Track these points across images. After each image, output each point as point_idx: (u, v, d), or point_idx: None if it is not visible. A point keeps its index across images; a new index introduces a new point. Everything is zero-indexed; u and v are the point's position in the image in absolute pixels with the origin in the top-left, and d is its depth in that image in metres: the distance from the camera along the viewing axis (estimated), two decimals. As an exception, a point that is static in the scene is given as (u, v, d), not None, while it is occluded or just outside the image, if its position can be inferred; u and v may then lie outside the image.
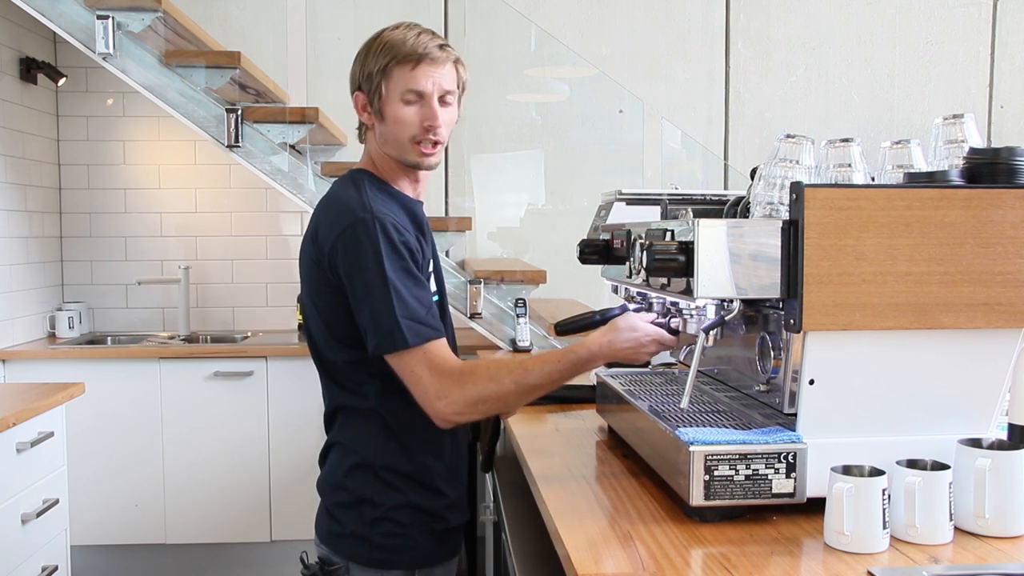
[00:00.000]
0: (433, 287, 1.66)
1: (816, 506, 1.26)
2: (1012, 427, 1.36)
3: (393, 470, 1.62)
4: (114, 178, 4.26)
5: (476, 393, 1.49)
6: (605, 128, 4.37)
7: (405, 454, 1.62)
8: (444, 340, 1.55)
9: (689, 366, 1.42)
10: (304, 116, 3.51)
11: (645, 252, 1.33)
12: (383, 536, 1.62)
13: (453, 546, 1.72)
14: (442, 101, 1.62)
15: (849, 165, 1.38)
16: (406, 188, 1.68)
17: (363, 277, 1.53)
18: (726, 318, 1.36)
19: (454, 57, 1.64)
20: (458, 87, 1.66)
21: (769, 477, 1.27)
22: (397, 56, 1.58)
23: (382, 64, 1.60)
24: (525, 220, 4.39)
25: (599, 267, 1.82)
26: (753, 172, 1.47)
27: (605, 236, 1.76)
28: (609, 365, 2.05)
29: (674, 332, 1.54)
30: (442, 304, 1.69)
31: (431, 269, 1.66)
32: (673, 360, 2.02)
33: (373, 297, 1.52)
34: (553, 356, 1.52)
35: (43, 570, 2.63)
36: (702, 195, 1.84)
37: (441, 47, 1.61)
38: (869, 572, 1.11)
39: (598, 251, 1.74)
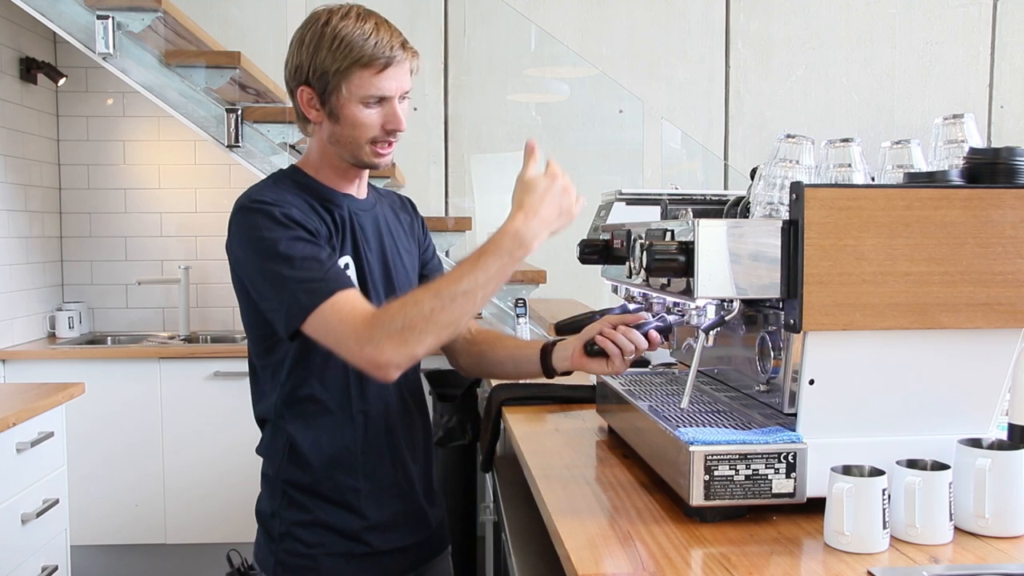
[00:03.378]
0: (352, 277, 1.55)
1: (816, 506, 1.26)
2: (1012, 427, 1.36)
3: (296, 486, 1.56)
4: (114, 178, 4.26)
5: (399, 323, 1.35)
6: (605, 128, 4.38)
7: (308, 471, 1.55)
8: (353, 291, 1.43)
9: (689, 366, 1.42)
10: (304, 116, 3.50)
11: (645, 252, 1.33)
12: (286, 553, 1.57)
13: (377, 574, 1.60)
14: (401, 97, 1.55)
15: (849, 165, 1.38)
16: (340, 185, 1.60)
17: (252, 263, 1.46)
18: (726, 318, 1.36)
19: (412, 55, 1.55)
20: (411, 79, 1.58)
21: (769, 477, 1.27)
22: (360, 60, 1.48)
23: (341, 65, 1.49)
24: (525, 220, 4.39)
25: (599, 267, 1.82)
26: (753, 172, 1.47)
27: (605, 236, 1.76)
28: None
29: (665, 331, 1.53)
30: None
31: (345, 264, 1.55)
32: (673, 360, 2.02)
33: (265, 279, 1.44)
34: (471, 254, 1.40)
35: (43, 570, 2.63)
36: (702, 195, 1.84)
37: (403, 46, 1.53)
38: (869, 572, 1.11)
39: (598, 251, 1.74)
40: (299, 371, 1.54)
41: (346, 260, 1.56)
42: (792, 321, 1.25)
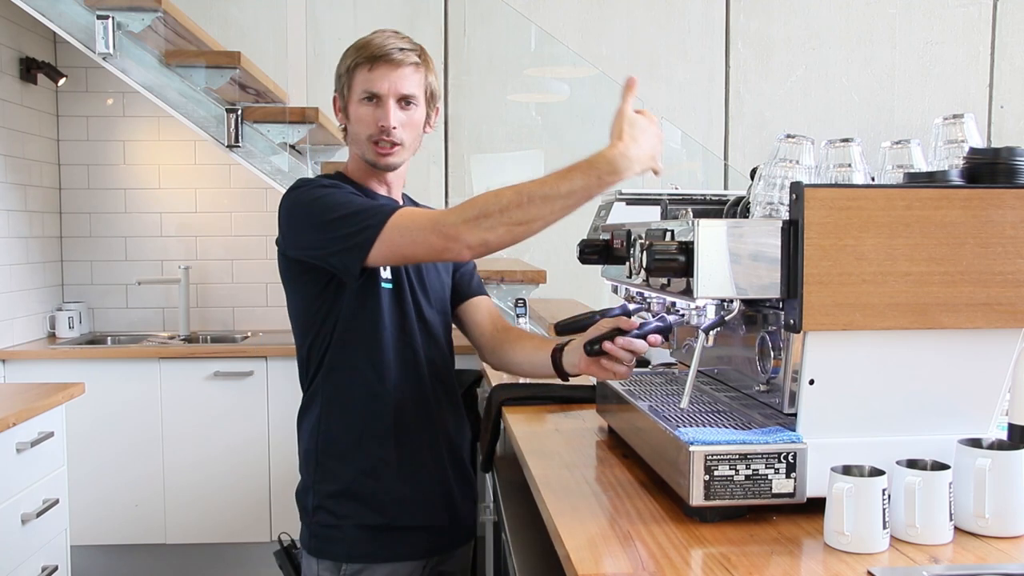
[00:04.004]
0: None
1: (816, 506, 1.26)
2: (1012, 427, 1.36)
3: (329, 451, 1.68)
4: (114, 178, 4.26)
5: (477, 209, 1.45)
6: (605, 128, 4.35)
7: (342, 438, 1.67)
8: (410, 207, 1.58)
9: (689, 366, 1.42)
10: (304, 116, 3.51)
11: (645, 252, 1.33)
12: (318, 525, 1.69)
13: (402, 551, 1.70)
14: (404, 102, 1.64)
15: (849, 165, 1.38)
16: (373, 186, 1.73)
17: (311, 223, 1.58)
18: (726, 318, 1.36)
19: (414, 60, 1.64)
20: (425, 92, 1.67)
21: (769, 477, 1.27)
22: (358, 58, 1.64)
23: (347, 65, 1.67)
24: (525, 220, 4.38)
25: (599, 267, 1.82)
26: (753, 172, 1.47)
27: (605, 236, 1.76)
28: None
29: (665, 331, 1.53)
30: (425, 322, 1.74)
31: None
32: (673, 360, 2.02)
33: (329, 225, 1.55)
34: (563, 167, 1.42)
35: (43, 570, 2.63)
36: (702, 195, 1.84)
37: (402, 50, 1.64)
38: (869, 572, 1.11)
39: (598, 251, 1.74)
40: (341, 343, 1.66)
41: None
42: (792, 321, 1.25)
